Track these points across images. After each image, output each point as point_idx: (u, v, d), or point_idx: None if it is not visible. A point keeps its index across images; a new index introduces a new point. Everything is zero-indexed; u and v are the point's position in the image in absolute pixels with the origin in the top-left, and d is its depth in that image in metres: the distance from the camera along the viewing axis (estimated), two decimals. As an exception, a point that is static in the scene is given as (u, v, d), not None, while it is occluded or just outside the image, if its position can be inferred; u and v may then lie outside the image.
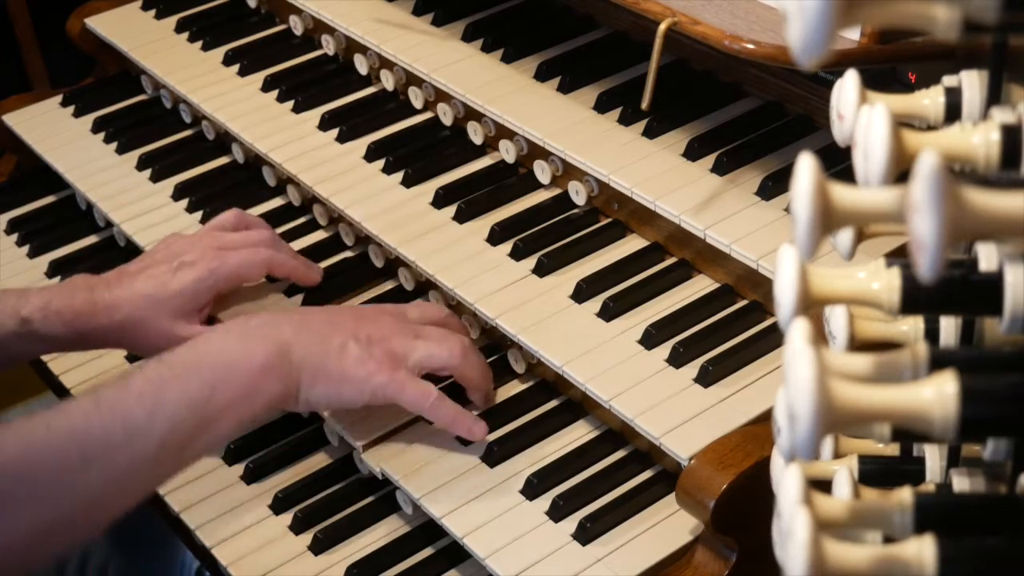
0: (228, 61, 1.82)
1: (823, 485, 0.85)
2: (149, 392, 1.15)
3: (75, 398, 1.23)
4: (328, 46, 1.80)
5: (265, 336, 1.25)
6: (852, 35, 1.22)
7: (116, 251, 1.74)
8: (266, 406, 1.25)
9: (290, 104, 1.74)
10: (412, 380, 1.31)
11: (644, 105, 1.37)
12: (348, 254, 1.61)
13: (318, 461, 1.46)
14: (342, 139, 1.66)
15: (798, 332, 0.66)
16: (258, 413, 1.24)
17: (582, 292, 1.40)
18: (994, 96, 0.78)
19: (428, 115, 1.68)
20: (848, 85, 0.78)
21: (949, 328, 0.81)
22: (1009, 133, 0.68)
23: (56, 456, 1.10)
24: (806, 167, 0.65)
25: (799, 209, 0.65)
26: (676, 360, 1.31)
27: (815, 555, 0.64)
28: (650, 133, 1.48)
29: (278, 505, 1.40)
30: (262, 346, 1.24)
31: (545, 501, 1.29)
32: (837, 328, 0.81)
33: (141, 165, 1.78)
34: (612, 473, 1.31)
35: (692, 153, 1.45)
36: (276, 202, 1.71)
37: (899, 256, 0.73)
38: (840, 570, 0.65)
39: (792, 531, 0.65)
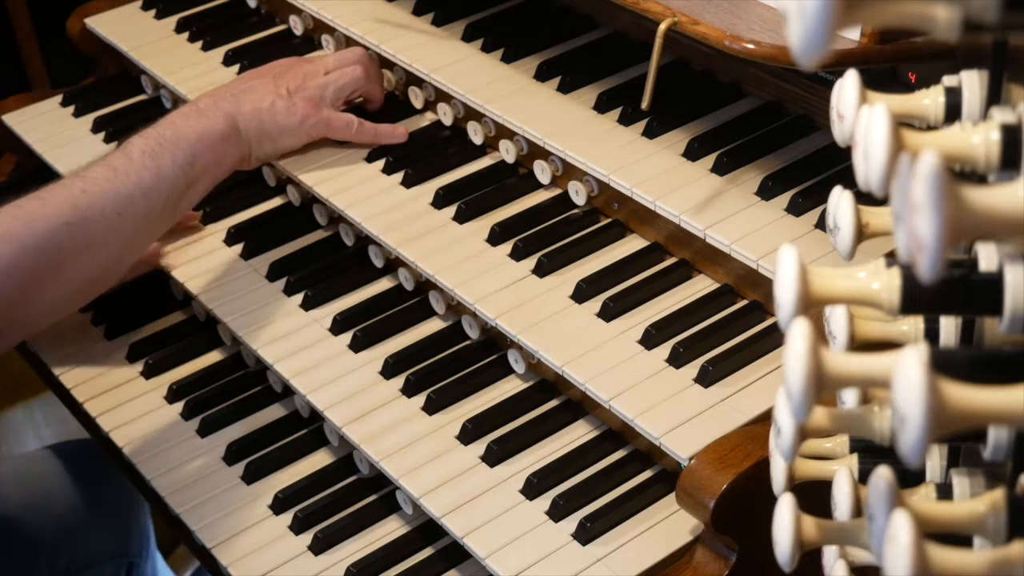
0: (228, 61, 1.82)
1: (823, 485, 0.85)
2: (150, 161, 1.44)
3: (90, 166, 1.43)
4: (328, 46, 1.80)
5: (217, 112, 1.53)
6: (852, 35, 1.22)
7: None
8: (230, 169, 1.55)
9: (290, 104, 1.73)
10: (335, 115, 1.61)
11: (644, 105, 1.37)
12: (348, 254, 1.61)
13: (318, 461, 1.46)
14: (342, 139, 1.67)
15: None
16: (225, 174, 1.54)
17: (582, 292, 1.40)
18: (994, 96, 0.77)
19: (428, 115, 1.68)
20: (848, 85, 0.78)
21: (949, 328, 0.81)
22: (1009, 133, 0.68)
23: (100, 215, 1.39)
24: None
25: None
26: (676, 360, 1.31)
27: (919, 559, 0.63)
28: (650, 133, 1.48)
29: (278, 505, 1.40)
30: (219, 121, 1.52)
31: (545, 501, 1.29)
32: (837, 328, 0.81)
33: (141, 165, 1.77)
34: (612, 473, 1.31)
35: (692, 153, 1.45)
36: (276, 201, 1.71)
37: (899, 256, 0.73)
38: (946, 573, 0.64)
39: (894, 535, 0.63)
